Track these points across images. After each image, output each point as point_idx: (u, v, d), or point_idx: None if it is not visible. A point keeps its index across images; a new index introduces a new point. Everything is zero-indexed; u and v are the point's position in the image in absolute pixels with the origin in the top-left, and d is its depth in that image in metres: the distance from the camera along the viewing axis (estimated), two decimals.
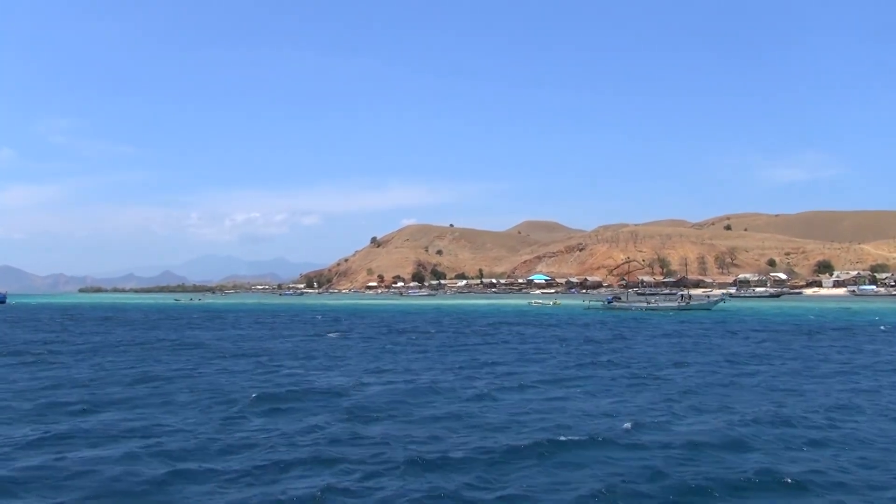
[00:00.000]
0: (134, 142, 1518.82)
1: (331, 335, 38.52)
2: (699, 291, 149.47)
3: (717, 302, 68.99)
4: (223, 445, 11.69)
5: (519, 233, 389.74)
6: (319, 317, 63.70)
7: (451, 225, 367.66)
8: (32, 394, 16.90)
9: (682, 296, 72.35)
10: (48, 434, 12.42)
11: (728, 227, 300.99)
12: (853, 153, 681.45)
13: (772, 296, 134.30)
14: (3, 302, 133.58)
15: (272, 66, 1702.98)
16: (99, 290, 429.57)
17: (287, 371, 21.53)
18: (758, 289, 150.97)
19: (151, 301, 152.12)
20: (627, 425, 12.75)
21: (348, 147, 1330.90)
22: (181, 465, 10.41)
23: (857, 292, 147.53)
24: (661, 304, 70.05)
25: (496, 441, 11.67)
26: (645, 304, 70.83)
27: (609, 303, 71.34)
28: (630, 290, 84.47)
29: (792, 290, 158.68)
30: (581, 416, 13.96)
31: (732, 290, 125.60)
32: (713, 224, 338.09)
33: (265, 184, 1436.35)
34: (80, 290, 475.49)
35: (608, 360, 24.58)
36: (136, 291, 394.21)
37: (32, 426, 13.17)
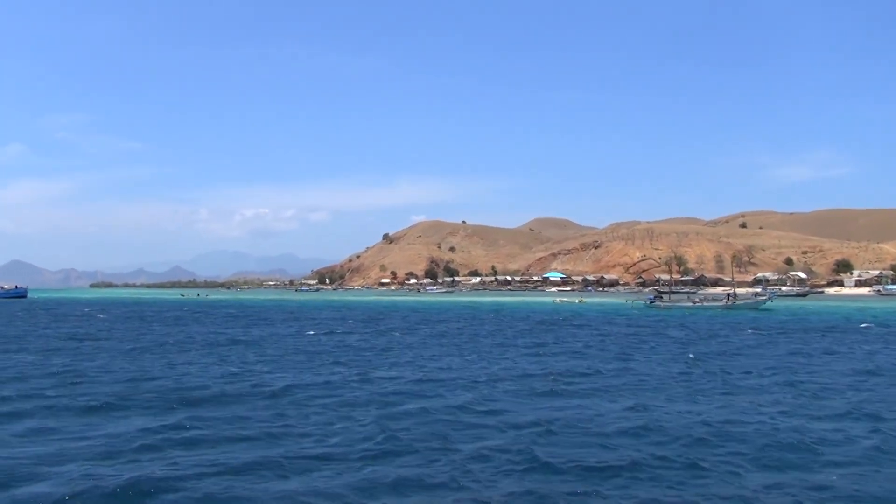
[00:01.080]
0: (142, 138, 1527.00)
1: (396, 333, 37.33)
2: (719, 290, 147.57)
3: (763, 301, 67.53)
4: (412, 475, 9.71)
5: (531, 230, 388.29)
6: (360, 313, 62.36)
7: (464, 221, 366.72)
8: (127, 398, 15.77)
9: (728, 295, 70.56)
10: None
11: (743, 226, 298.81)
12: (862, 151, 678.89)
13: (798, 295, 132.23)
14: (25, 296, 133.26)
15: (281, 63, 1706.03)
16: (110, 286, 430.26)
17: (407, 377, 19.26)
18: (783, 288, 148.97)
19: (172, 297, 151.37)
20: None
21: (357, 144, 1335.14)
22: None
23: (883, 292, 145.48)
24: (705, 303, 68.90)
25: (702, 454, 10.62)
26: (690, 304, 69.24)
27: (651, 302, 69.90)
28: (672, 289, 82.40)
29: (813, 290, 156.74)
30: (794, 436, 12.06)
31: (759, 289, 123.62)
32: (727, 222, 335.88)
33: (274, 179, 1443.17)
34: (91, 286, 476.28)
35: (714, 354, 23.47)
36: (147, 287, 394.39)
37: (153, 429, 12.04)
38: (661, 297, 72.36)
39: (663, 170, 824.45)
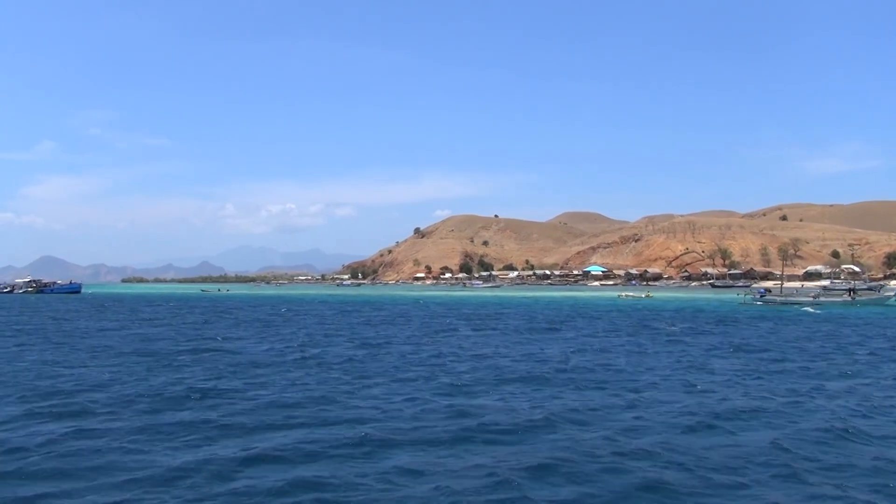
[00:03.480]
0: (170, 134, 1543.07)
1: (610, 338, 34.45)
2: (770, 284, 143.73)
3: (889, 297, 63.95)
4: None
5: (565, 223, 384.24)
6: (469, 310, 58.74)
7: (496, 215, 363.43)
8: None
9: (850, 290, 66.79)
10: None
11: (784, 218, 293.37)
12: (893, 143, 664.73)
13: (868, 290, 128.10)
14: (79, 291, 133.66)
15: (306, 58, 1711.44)
16: (141, 281, 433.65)
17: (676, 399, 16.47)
18: (854, 282, 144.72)
19: (196, 292, 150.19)
20: None
21: (382, 138, 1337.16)
22: None
23: None
24: (822, 298, 64.31)
25: None
26: (810, 298, 64.25)
27: (762, 296, 66.39)
28: (783, 282, 78.59)
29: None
30: None
31: (827, 283, 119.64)
32: (764, 214, 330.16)
33: (300, 175, 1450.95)
34: (123, 281, 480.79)
35: None
36: (178, 282, 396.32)
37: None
38: (770, 291, 68.89)
39: (692, 162, 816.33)
